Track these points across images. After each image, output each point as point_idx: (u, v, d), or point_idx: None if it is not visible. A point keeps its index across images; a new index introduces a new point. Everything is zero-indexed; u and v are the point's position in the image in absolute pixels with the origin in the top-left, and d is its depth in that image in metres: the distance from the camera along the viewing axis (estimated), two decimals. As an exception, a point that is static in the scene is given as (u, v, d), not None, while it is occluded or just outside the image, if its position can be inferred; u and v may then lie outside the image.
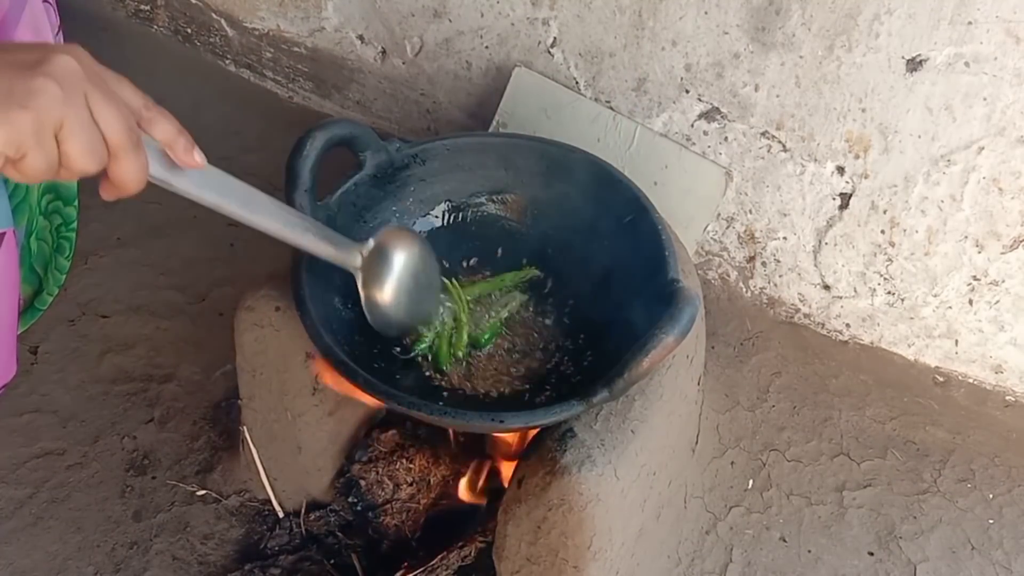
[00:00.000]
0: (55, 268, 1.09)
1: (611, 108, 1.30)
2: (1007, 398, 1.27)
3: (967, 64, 1.04)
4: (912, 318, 1.26)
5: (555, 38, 1.29)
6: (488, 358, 1.00)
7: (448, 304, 1.00)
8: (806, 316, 1.35)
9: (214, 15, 1.66)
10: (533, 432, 0.92)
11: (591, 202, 1.01)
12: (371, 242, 0.87)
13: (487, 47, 1.37)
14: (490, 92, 1.42)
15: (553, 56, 1.31)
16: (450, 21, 1.37)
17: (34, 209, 1.01)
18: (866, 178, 1.18)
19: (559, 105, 1.32)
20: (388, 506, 1.05)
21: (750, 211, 1.30)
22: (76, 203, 1.14)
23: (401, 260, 0.89)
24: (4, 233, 0.83)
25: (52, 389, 1.25)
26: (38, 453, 1.17)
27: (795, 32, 1.11)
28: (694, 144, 1.27)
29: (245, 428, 1.08)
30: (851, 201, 1.21)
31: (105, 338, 1.32)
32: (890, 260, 1.23)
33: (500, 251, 1.08)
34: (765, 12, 1.11)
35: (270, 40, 1.63)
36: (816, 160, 1.20)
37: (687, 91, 1.23)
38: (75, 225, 1.13)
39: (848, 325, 1.32)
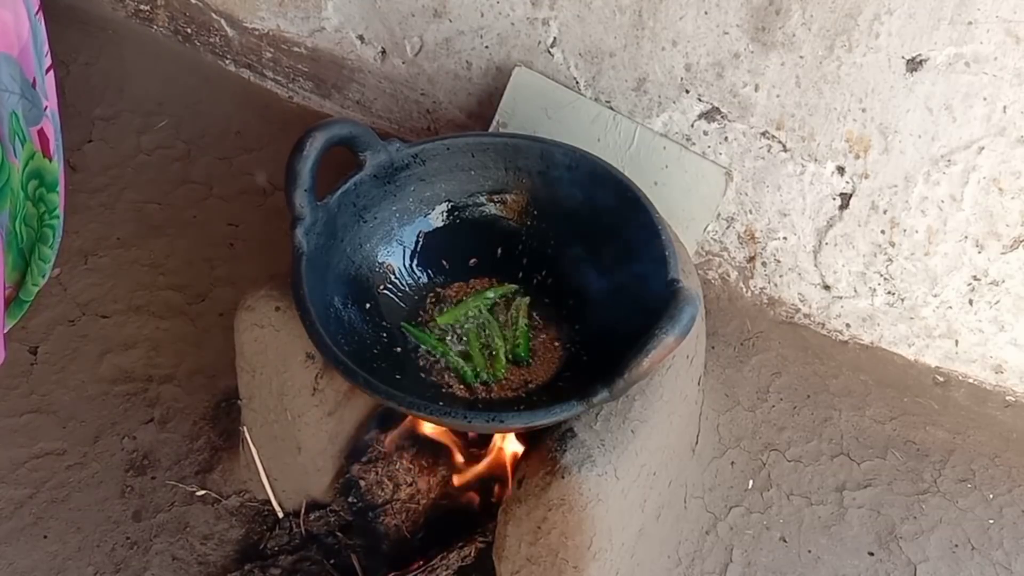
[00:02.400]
0: (39, 258, 1.09)
1: (611, 108, 1.30)
2: (1007, 398, 1.27)
3: (967, 64, 1.04)
4: (912, 318, 1.26)
5: (555, 38, 1.29)
6: (489, 359, 1.00)
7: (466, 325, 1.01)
8: (806, 316, 1.35)
9: (214, 15, 1.66)
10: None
11: (591, 202, 1.01)
12: None
13: (487, 47, 1.37)
14: (490, 92, 1.41)
15: (553, 56, 1.31)
16: (450, 21, 1.37)
17: (18, 193, 1.01)
18: (866, 178, 1.18)
19: (559, 105, 1.32)
20: (388, 506, 1.05)
21: (750, 211, 1.30)
22: (58, 189, 1.13)
23: None
24: None
25: (52, 389, 1.25)
26: (38, 453, 1.17)
27: (795, 32, 1.10)
28: (694, 144, 1.27)
29: (245, 428, 1.08)
30: (851, 201, 1.21)
31: (105, 338, 1.32)
32: (890, 260, 1.23)
33: (500, 251, 1.08)
34: (765, 12, 1.11)
35: (270, 40, 1.62)
36: (816, 160, 1.20)
37: (687, 91, 1.23)
38: (58, 212, 1.12)
39: (848, 325, 1.32)
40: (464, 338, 1.01)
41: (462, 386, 0.97)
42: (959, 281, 1.20)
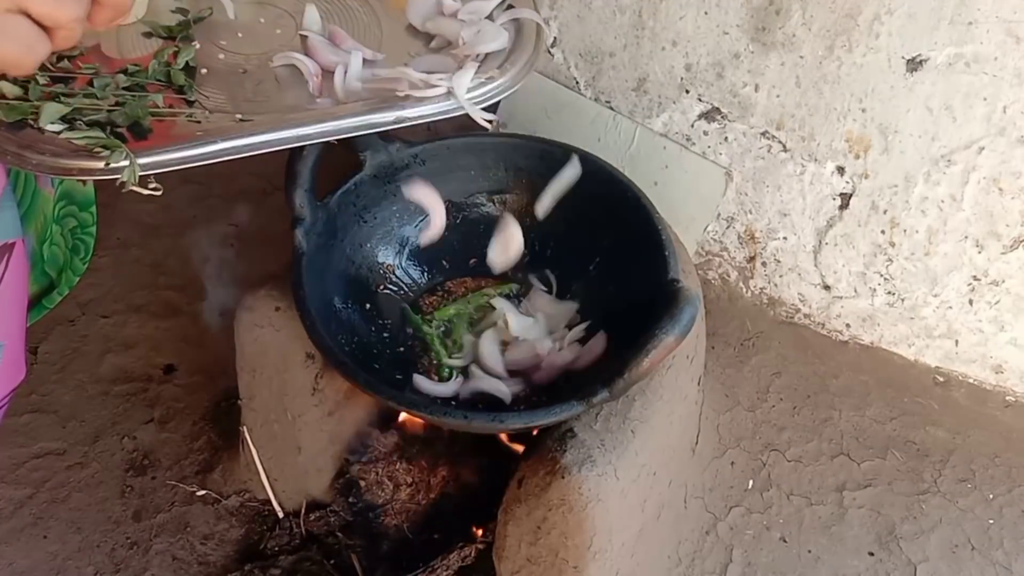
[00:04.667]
0: (70, 269, 1.09)
1: (611, 108, 1.30)
2: (1007, 398, 1.27)
3: (967, 64, 1.04)
4: (912, 318, 1.26)
5: (555, 38, 1.29)
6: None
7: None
8: (806, 316, 1.35)
9: (214, 15, 1.67)
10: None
11: (591, 202, 1.01)
12: None
13: (487, 47, 1.37)
14: (490, 92, 1.41)
15: (553, 56, 1.31)
16: (450, 21, 1.37)
17: (48, 217, 1.01)
18: (866, 178, 1.18)
19: (559, 105, 1.32)
20: (388, 506, 1.05)
21: (750, 211, 1.30)
22: (93, 209, 1.13)
23: None
24: (14, 243, 0.83)
25: (52, 389, 1.25)
26: (38, 453, 1.17)
27: (795, 32, 1.11)
28: (694, 144, 1.27)
29: (245, 428, 1.08)
30: (851, 201, 1.21)
31: (105, 338, 1.32)
32: (890, 260, 1.23)
33: (500, 251, 1.08)
34: (765, 12, 1.11)
35: (270, 40, 1.63)
36: (816, 160, 1.20)
37: (687, 91, 1.23)
38: (92, 229, 1.12)
39: (848, 325, 1.32)
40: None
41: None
42: (959, 281, 1.20)
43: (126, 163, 0.71)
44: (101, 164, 0.70)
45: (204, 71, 0.85)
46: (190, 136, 0.76)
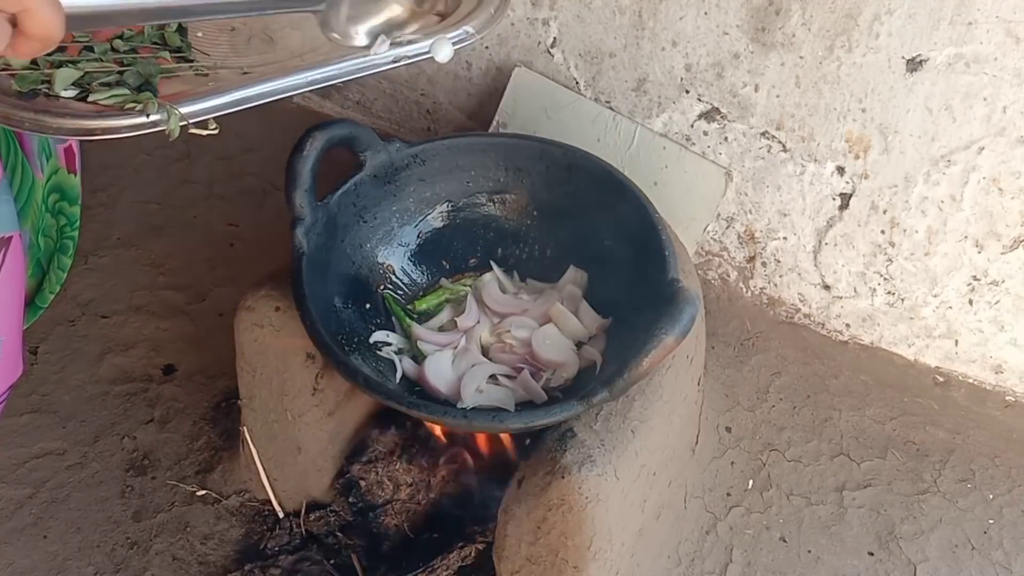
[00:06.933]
0: (57, 267, 1.10)
1: (611, 108, 1.30)
2: (1007, 398, 1.27)
3: (967, 64, 1.04)
4: (912, 318, 1.27)
5: (555, 38, 1.30)
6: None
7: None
8: (806, 316, 1.35)
9: (214, 15, 1.67)
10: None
11: (591, 202, 1.02)
12: None
13: (487, 47, 1.37)
14: (490, 92, 1.42)
15: (553, 56, 1.31)
16: (450, 21, 1.37)
17: (40, 208, 1.01)
18: (866, 178, 1.18)
19: (559, 105, 1.32)
20: (388, 506, 1.05)
21: (750, 211, 1.30)
22: (79, 204, 1.14)
23: None
24: (11, 237, 0.83)
25: (52, 389, 1.25)
26: (38, 453, 1.17)
27: (795, 32, 1.11)
28: (694, 144, 1.27)
29: (245, 428, 1.08)
30: (851, 201, 1.21)
31: (105, 338, 1.32)
32: (890, 260, 1.23)
33: (500, 251, 1.08)
34: (765, 12, 1.11)
35: (270, 40, 1.63)
36: (816, 160, 1.20)
37: (687, 91, 1.23)
38: (78, 225, 1.13)
39: (848, 325, 1.32)
40: None
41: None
42: (959, 281, 1.20)
43: (162, 115, 0.70)
44: (126, 122, 0.70)
45: (200, 34, 0.86)
46: (204, 90, 0.76)
